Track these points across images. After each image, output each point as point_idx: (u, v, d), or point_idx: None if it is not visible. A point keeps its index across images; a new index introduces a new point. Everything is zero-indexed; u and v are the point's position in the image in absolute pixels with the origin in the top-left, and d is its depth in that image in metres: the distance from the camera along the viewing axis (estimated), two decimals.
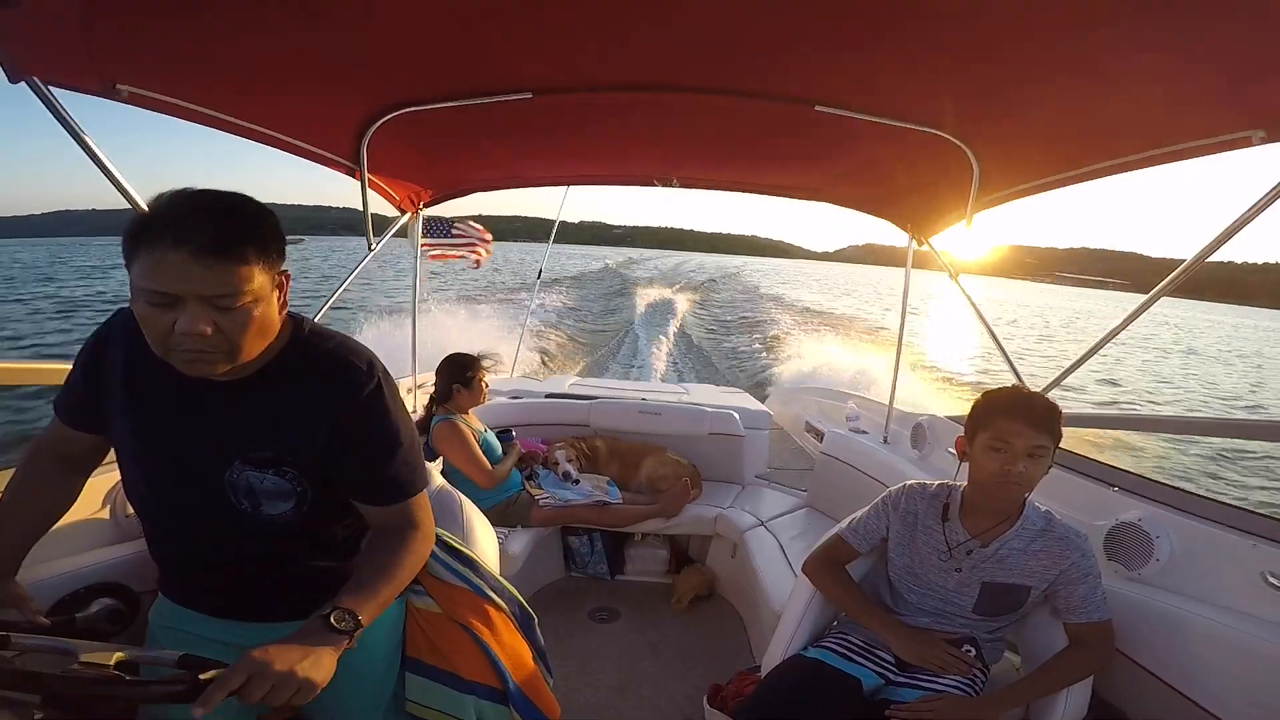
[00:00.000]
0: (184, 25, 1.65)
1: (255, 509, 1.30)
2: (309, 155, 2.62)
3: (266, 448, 1.28)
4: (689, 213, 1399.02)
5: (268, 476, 1.29)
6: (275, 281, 1.19)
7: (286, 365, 1.29)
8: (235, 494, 1.29)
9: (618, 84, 2.19)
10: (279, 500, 1.31)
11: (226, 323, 1.12)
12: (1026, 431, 1.68)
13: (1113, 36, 1.54)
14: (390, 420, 1.35)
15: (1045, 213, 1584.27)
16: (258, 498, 1.30)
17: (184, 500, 1.32)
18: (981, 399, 1.83)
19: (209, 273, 1.08)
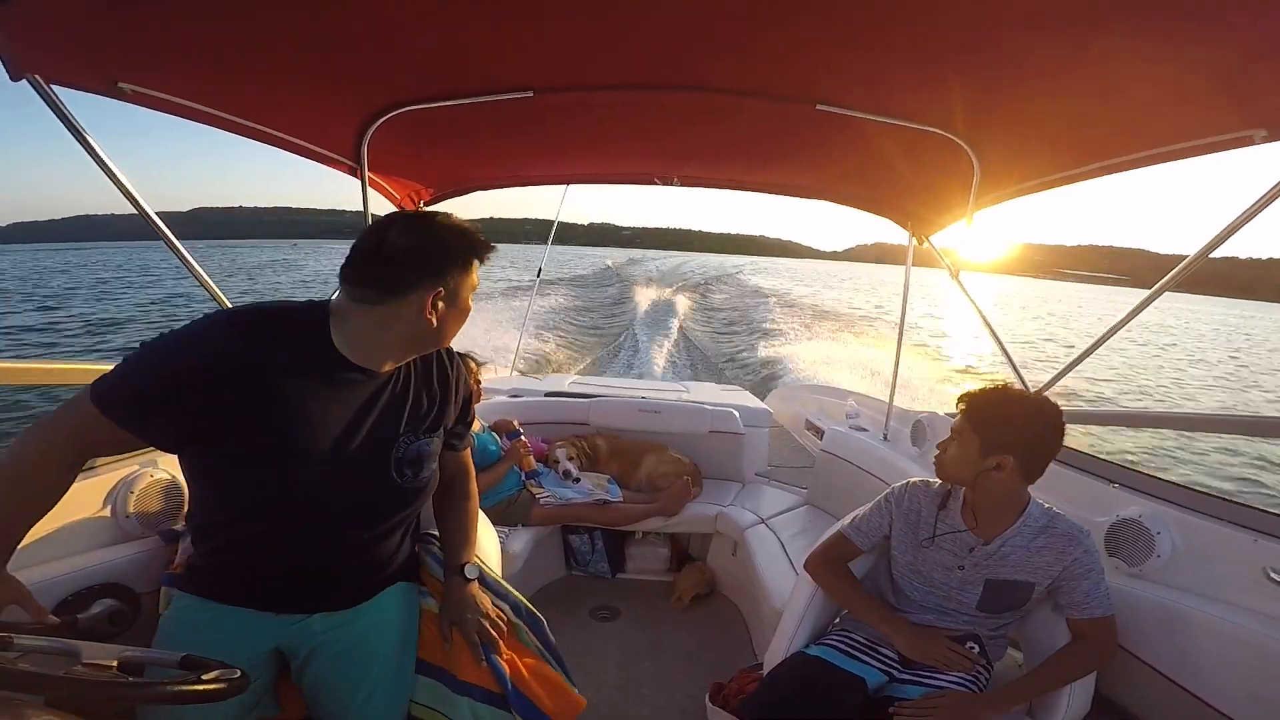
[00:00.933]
0: (185, 23, 1.65)
1: (416, 475, 1.55)
2: (310, 154, 2.62)
3: (432, 414, 1.58)
4: (696, 214, 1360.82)
5: (434, 440, 1.59)
6: None
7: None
8: (400, 468, 1.52)
9: (618, 83, 2.19)
10: (431, 460, 1.60)
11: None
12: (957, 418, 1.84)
13: (1114, 35, 1.53)
14: (465, 376, 1.73)
15: (1053, 210, 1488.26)
16: (421, 462, 1.56)
17: (335, 484, 1.42)
18: None
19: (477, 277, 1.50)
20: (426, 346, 1.51)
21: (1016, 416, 1.75)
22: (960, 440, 1.81)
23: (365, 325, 1.39)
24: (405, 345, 1.46)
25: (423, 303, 1.37)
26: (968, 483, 1.82)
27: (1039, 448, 1.75)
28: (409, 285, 1.37)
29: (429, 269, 1.38)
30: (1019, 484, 1.77)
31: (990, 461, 1.75)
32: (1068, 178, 2.45)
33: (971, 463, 1.78)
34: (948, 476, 1.87)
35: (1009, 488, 1.77)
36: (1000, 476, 1.75)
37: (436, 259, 1.39)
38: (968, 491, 1.85)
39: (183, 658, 1.11)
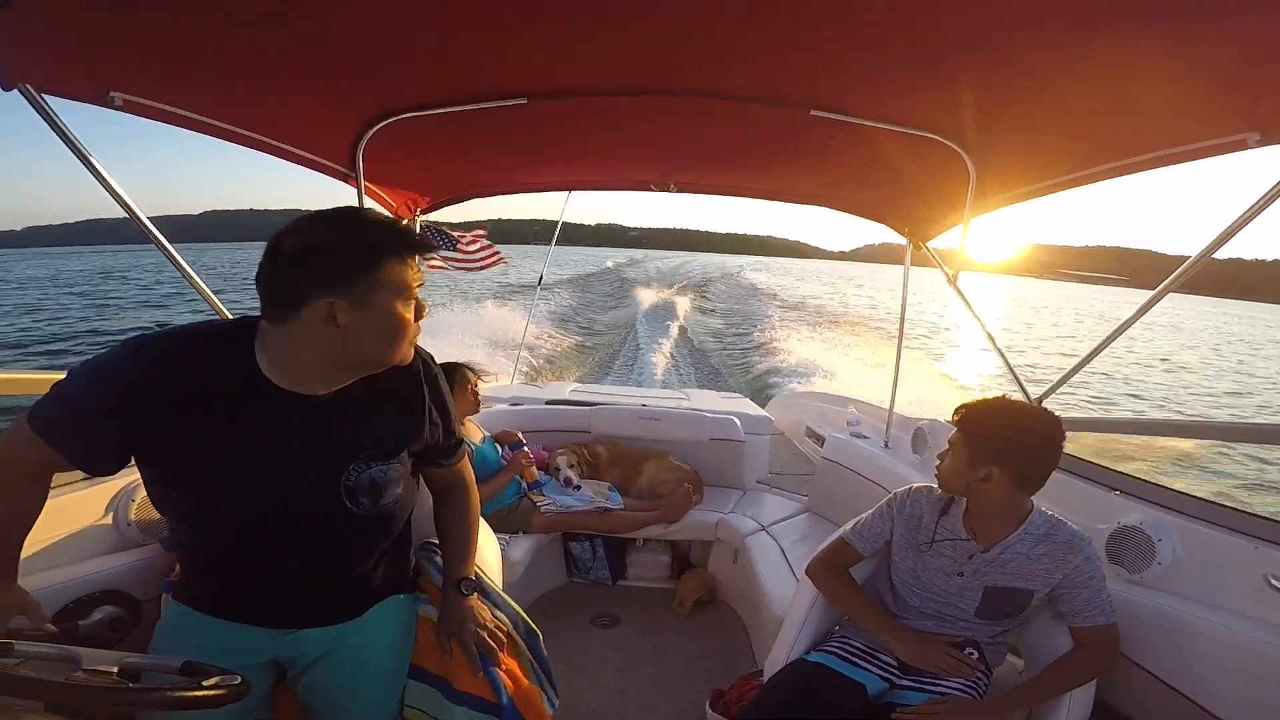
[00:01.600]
0: (178, 31, 1.64)
1: (375, 503, 1.45)
2: (305, 162, 2.61)
3: (386, 440, 1.45)
4: (702, 214, 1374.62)
5: (392, 466, 1.46)
6: None
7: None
8: (353, 496, 1.41)
9: (613, 89, 2.19)
10: (393, 487, 1.48)
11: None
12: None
13: (1108, 41, 1.54)
14: (447, 391, 1.61)
15: (1061, 211, 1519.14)
16: (380, 490, 1.44)
17: (283, 514, 1.36)
18: None
19: (418, 273, 1.32)
20: (360, 367, 1.34)
21: (1004, 429, 1.75)
22: (954, 451, 1.83)
23: (280, 347, 1.28)
24: (329, 367, 1.31)
25: (317, 317, 1.21)
26: (962, 493, 1.83)
27: (1030, 459, 1.75)
28: (301, 298, 1.20)
29: (319, 275, 1.20)
30: (1014, 494, 1.77)
31: (979, 473, 1.75)
32: (1063, 183, 2.46)
33: (962, 474, 1.79)
34: (944, 487, 1.88)
35: (1003, 498, 1.77)
36: (989, 487, 1.75)
37: (327, 262, 1.20)
38: (968, 500, 1.86)
39: (183, 664, 1.11)
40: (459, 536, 1.73)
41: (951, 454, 1.84)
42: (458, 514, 1.75)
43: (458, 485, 1.76)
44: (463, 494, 1.77)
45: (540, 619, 1.84)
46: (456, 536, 1.73)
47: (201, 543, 1.43)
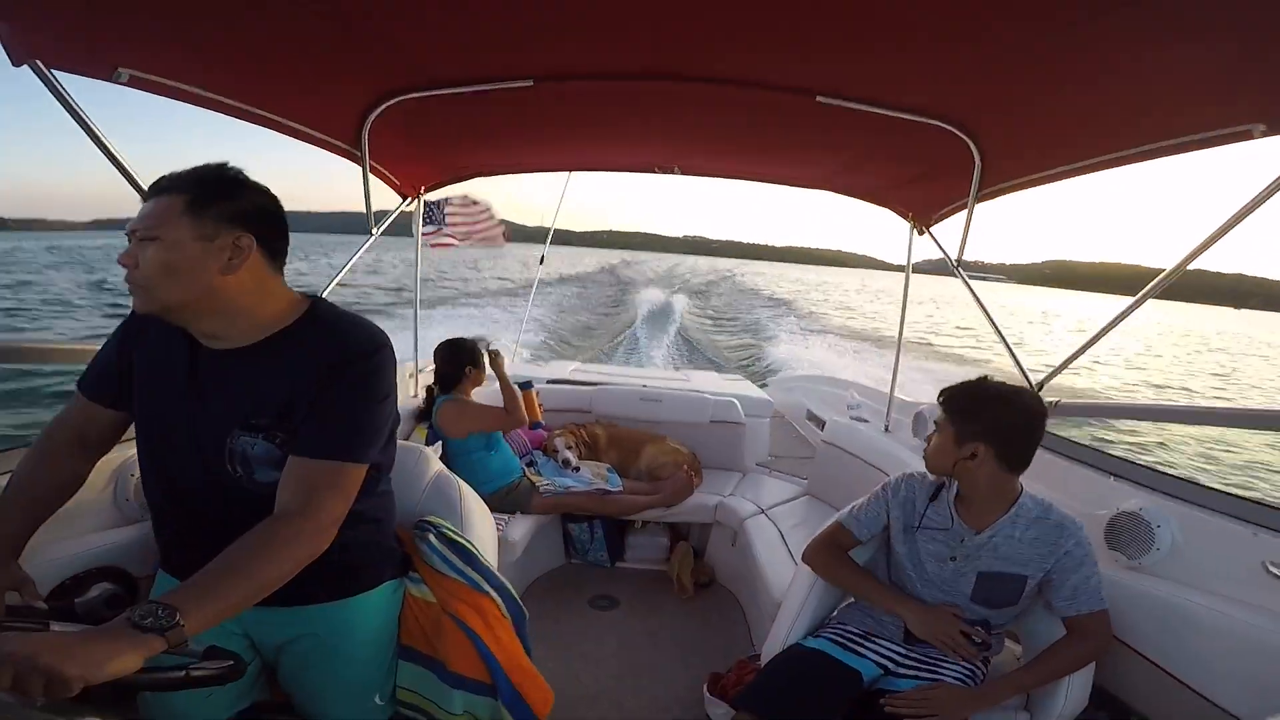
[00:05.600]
0: (185, 8, 1.64)
1: (249, 476, 1.33)
2: (311, 140, 2.62)
3: (264, 414, 1.31)
4: (776, 228, 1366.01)
5: (259, 441, 1.31)
6: (209, 239, 1.25)
7: (294, 335, 1.34)
8: (232, 462, 1.32)
9: (619, 72, 2.18)
10: (269, 467, 1.32)
11: (141, 257, 1.23)
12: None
13: (1115, 28, 1.53)
14: (369, 384, 1.35)
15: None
16: (250, 464, 1.32)
17: (189, 471, 1.35)
18: None
19: (143, 207, 1.26)
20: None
21: (986, 405, 1.77)
22: (940, 431, 1.84)
23: None
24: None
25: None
26: (949, 472, 1.84)
27: (1014, 436, 1.75)
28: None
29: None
30: (1001, 474, 1.77)
31: (965, 450, 1.76)
32: (1068, 171, 2.46)
33: (949, 452, 1.80)
34: (931, 467, 1.89)
35: (990, 477, 1.78)
36: (975, 465, 1.76)
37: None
38: (958, 483, 1.86)
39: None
40: (222, 559, 1.15)
41: (938, 434, 1.85)
42: (241, 544, 1.18)
43: (282, 513, 1.25)
44: (271, 529, 1.22)
45: (538, 600, 1.85)
46: (220, 558, 1.15)
47: (150, 501, 1.48)
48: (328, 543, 1.28)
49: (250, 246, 1.28)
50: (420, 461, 1.99)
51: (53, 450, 1.44)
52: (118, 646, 0.95)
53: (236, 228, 1.27)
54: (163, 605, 1.01)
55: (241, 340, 1.33)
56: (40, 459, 1.42)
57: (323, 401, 1.30)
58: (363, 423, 1.34)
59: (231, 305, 1.29)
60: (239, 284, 1.28)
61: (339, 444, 1.31)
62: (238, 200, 1.28)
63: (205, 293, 1.26)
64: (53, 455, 1.43)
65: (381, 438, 1.41)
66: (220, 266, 1.26)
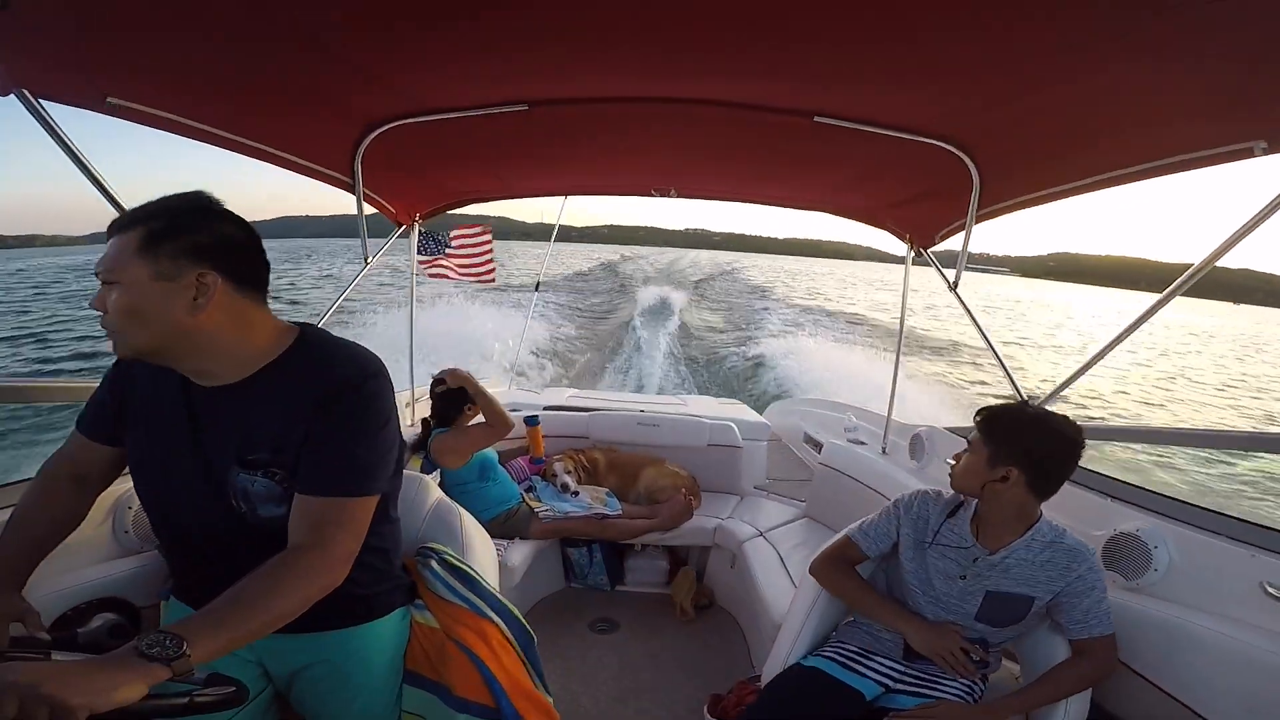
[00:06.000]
0: (175, 39, 1.64)
1: (253, 513, 1.31)
2: (303, 170, 2.61)
3: (260, 449, 1.29)
4: (767, 220, 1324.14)
5: (258, 479, 1.30)
6: (169, 278, 1.20)
7: (284, 367, 1.32)
8: (235, 498, 1.31)
9: (614, 95, 2.18)
10: (271, 504, 1.31)
11: (108, 302, 1.20)
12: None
13: (1115, 49, 1.54)
14: (368, 414, 1.32)
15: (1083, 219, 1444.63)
16: (252, 501, 1.31)
17: (191, 508, 1.34)
18: None
19: (106, 247, 1.22)
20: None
21: (1027, 430, 1.76)
22: (973, 451, 1.84)
23: None
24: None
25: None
26: (976, 493, 1.84)
27: (1049, 463, 1.75)
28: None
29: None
30: (1027, 498, 1.77)
31: (997, 473, 1.76)
32: (1067, 190, 2.46)
33: (979, 473, 1.80)
34: (958, 486, 1.89)
35: (1016, 501, 1.78)
36: (1005, 488, 1.76)
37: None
38: (979, 503, 1.86)
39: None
40: (233, 591, 1.14)
41: (970, 453, 1.85)
42: (254, 576, 1.17)
43: (294, 546, 1.25)
44: (284, 562, 1.21)
45: (538, 624, 1.84)
46: (231, 590, 1.15)
47: (157, 534, 1.48)
48: (341, 578, 1.27)
49: (214, 284, 1.23)
50: (420, 489, 2.00)
51: (51, 487, 1.44)
52: (123, 675, 0.94)
53: (197, 264, 1.21)
54: (170, 635, 1.00)
55: (231, 376, 1.30)
56: (39, 496, 1.42)
57: (319, 437, 1.28)
58: (363, 455, 1.32)
59: (210, 344, 1.26)
60: (212, 322, 1.24)
61: (343, 481, 1.30)
62: (196, 234, 1.22)
63: (177, 334, 1.22)
64: (51, 492, 1.43)
65: (387, 467, 1.39)
66: (186, 306, 1.21)
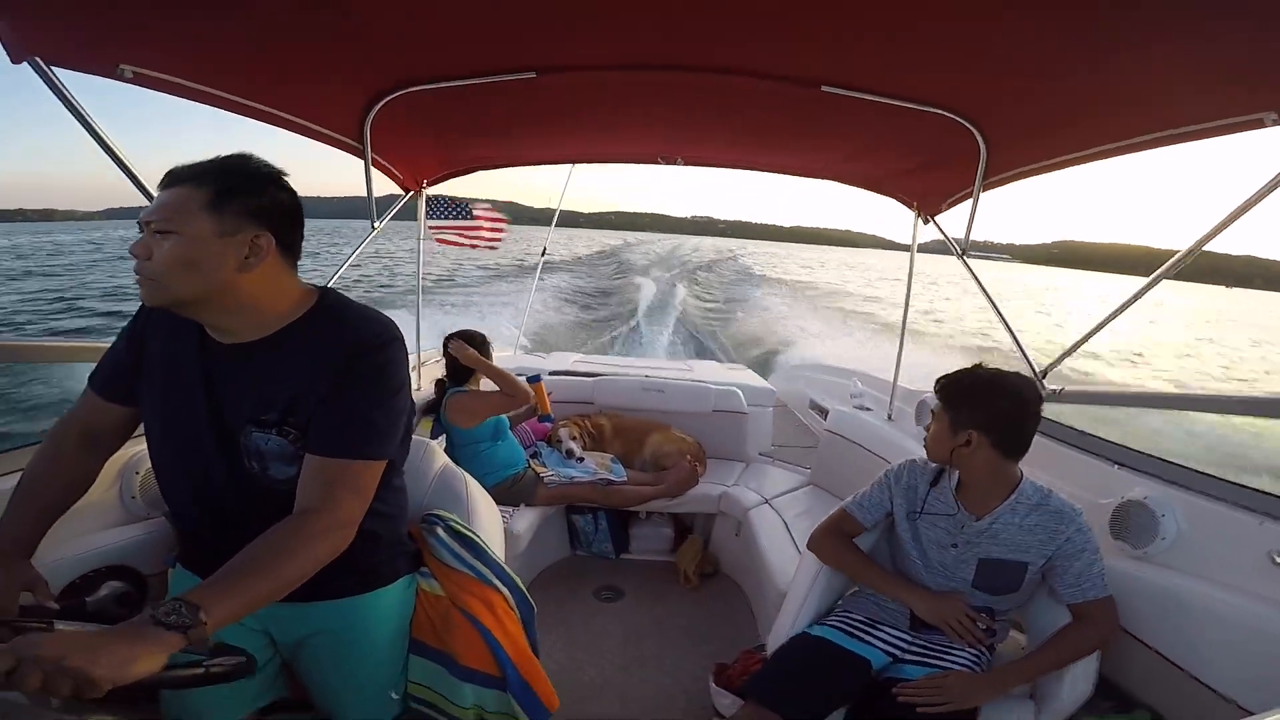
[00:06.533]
0: (187, 5, 1.63)
1: (264, 472, 1.32)
2: (313, 134, 2.61)
3: (272, 408, 1.30)
4: (788, 208, 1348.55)
5: (271, 437, 1.30)
6: (229, 235, 1.22)
7: (304, 329, 1.32)
8: (247, 456, 1.32)
9: (622, 63, 2.17)
10: (282, 463, 1.31)
11: (157, 250, 1.20)
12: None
13: (1122, 16, 1.52)
14: (382, 379, 1.33)
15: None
16: (265, 460, 1.31)
17: (202, 465, 1.34)
18: None
19: (160, 197, 1.22)
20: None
21: (979, 391, 1.79)
22: (936, 419, 1.87)
23: None
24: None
25: None
26: (946, 460, 1.86)
27: (1007, 422, 1.76)
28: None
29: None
30: (997, 459, 1.78)
31: (960, 438, 1.78)
32: (1074, 159, 2.44)
33: (945, 440, 1.82)
34: (931, 455, 1.91)
35: (988, 463, 1.79)
36: (971, 452, 1.78)
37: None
38: (959, 470, 1.87)
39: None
40: (244, 555, 1.16)
41: (935, 422, 1.87)
42: (264, 541, 1.19)
43: (301, 511, 1.26)
44: (292, 526, 1.22)
45: (543, 592, 1.85)
46: (242, 554, 1.16)
47: (167, 497, 1.48)
48: (348, 540, 1.28)
49: (269, 246, 1.26)
50: (426, 456, 2.00)
51: (62, 449, 1.43)
52: (143, 646, 0.95)
53: (256, 225, 1.24)
54: (186, 603, 1.00)
55: (251, 334, 1.31)
56: (50, 458, 1.42)
57: (335, 398, 1.29)
58: (376, 419, 1.32)
59: (245, 302, 1.27)
60: (254, 281, 1.26)
61: (354, 442, 1.30)
62: (260, 197, 1.25)
63: (219, 289, 1.24)
64: (62, 454, 1.42)
65: (398, 432, 1.39)
66: (237, 264, 1.23)
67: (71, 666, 0.88)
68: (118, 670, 0.91)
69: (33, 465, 1.41)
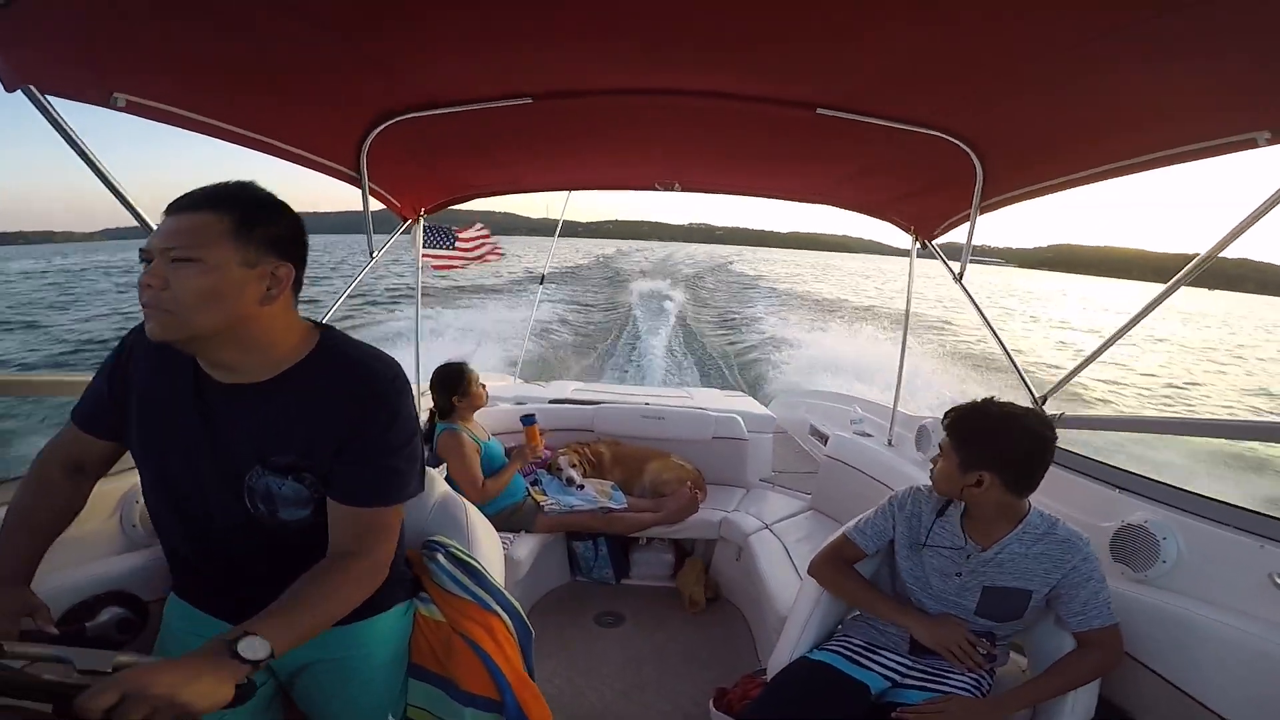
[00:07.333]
0: (182, 33, 1.64)
1: (272, 514, 1.30)
2: (309, 163, 2.61)
3: (286, 453, 1.28)
4: (770, 214, 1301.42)
5: (286, 482, 1.29)
6: (251, 265, 1.19)
7: (309, 370, 1.30)
8: (253, 499, 1.29)
9: (618, 88, 2.18)
10: (295, 507, 1.31)
11: (175, 279, 1.13)
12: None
13: (1116, 40, 1.53)
14: (398, 424, 1.32)
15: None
16: (275, 503, 1.30)
17: (202, 506, 1.32)
18: None
19: (173, 223, 1.16)
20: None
21: (992, 434, 1.74)
22: (945, 457, 1.83)
23: None
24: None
25: None
26: (956, 497, 1.84)
27: (1021, 463, 1.73)
28: None
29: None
30: (1008, 497, 1.76)
31: (970, 478, 1.75)
32: (1070, 181, 2.45)
33: (954, 479, 1.79)
34: (939, 490, 1.89)
35: (996, 501, 1.77)
36: (981, 492, 1.75)
37: None
38: (966, 503, 1.86)
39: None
40: (299, 594, 1.21)
41: (943, 459, 1.84)
42: (314, 581, 1.24)
43: (340, 553, 1.30)
44: (337, 566, 1.28)
45: (544, 618, 1.85)
46: (297, 594, 1.21)
47: (160, 534, 1.47)
48: (382, 579, 1.34)
49: (288, 277, 1.24)
50: (426, 483, 1.99)
51: (47, 477, 1.41)
52: (225, 675, 1.02)
53: (276, 256, 1.22)
54: (258, 636, 1.07)
55: (255, 375, 1.27)
56: (35, 487, 1.40)
57: (356, 448, 1.29)
58: (399, 464, 1.33)
59: (259, 338, 1.24)
60: (270, 316, 1.24)
61: (383, 492, 1.32)
62: (279, 226, 1.23)
63: (239, 323, 1.20)
64: (48, 482, 1.41)
65: (417, 471, 1.40)
66: (259, 296, 1.20)
67: (182, 701, 0.93)
68: (211, 700, 0.98)
69: (19, 494, 1.39)
